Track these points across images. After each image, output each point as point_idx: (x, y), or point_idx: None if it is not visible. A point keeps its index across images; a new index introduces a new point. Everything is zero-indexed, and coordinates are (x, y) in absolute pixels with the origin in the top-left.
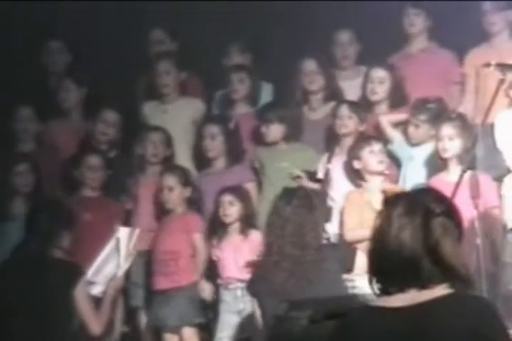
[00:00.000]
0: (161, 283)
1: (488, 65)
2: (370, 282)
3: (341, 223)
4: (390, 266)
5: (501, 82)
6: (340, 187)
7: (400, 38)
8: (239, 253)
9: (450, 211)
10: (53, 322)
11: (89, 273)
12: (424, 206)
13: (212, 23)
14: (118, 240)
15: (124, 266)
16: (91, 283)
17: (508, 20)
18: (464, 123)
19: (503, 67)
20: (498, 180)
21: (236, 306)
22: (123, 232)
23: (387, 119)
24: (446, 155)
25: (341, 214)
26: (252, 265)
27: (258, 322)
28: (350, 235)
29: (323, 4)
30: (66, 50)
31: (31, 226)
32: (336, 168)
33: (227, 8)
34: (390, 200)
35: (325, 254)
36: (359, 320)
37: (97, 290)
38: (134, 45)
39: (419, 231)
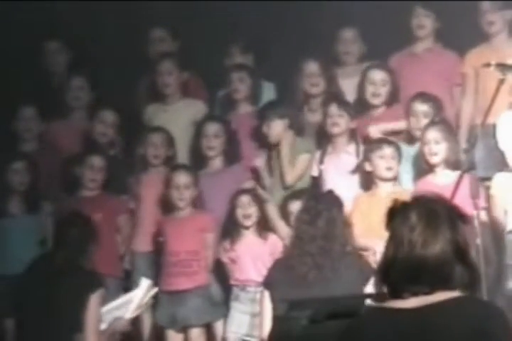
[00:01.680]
0: (182, 283)
1: (488, 65)
2: (379, 288)
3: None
4: (417, 272)
5: (501, 82)
6: (334, 187)
7: (406, 37)
8: (259, 257)
9: (463, 215)
10: (67, 329)
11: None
12: (445, 213)
13: (214, 22)
14: (137, 290)
15: (134, 312)
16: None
17: (506, 19)
18: (448, 127)
19: (503, 67)
20: (488, 180)
21: (252, 308)
22: (144, 284)
23: (377, 130)
24: (433, 159)
25: (349, 218)
26: (269, 270)
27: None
28: (357, 242)
29: (325, 4)
30: (67, 49)
31: (61, 238)
32: (329, 168)
33: (229, 7)
34: (402, 209)
35: (346, 259)
36: (370, 321)
37: (101, 327)
38: (134, 44)
39: (448, 238)
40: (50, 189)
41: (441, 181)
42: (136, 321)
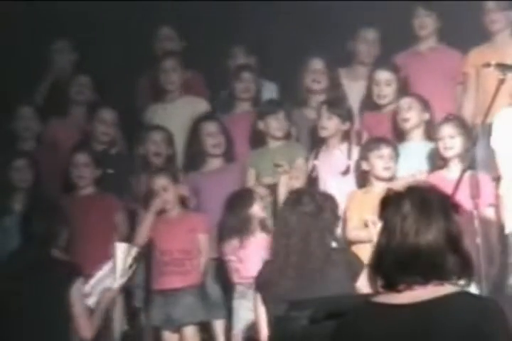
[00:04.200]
0: (174, 281)
1: (488, 64)
2: (374, 280)
3: (344, 222)
4: (410, 262)
5: (501, 82)
6: (326, 184)
7: (409, 38)
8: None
9: (456, 205)
10: (51, 322)
11: (86, 286)
12: (438, 202)
13: (217, 23)
14: (115, 257)
15: (120, 280)
16: (86, 294)
17: (509, 19)
18: (462, 123)
19: (503, 67)
20: (498, 179)
21: None
22: (120, 248)
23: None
24: (448, 153)
25: (344, 213)
26: (259, 271)
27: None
28: (353, 235)
29: (326, 4)
30: (70, 48)
31: (29, 225)
32: (322, 166)
33: (231, 9)
34: (395, 198)
35: (331, 261)
36: (363, 317)
37: (91, 301)
38: (136, 43)
39: (440, 227)
40: (50, 188)
41: (454, 176)
42: (133, 322)
